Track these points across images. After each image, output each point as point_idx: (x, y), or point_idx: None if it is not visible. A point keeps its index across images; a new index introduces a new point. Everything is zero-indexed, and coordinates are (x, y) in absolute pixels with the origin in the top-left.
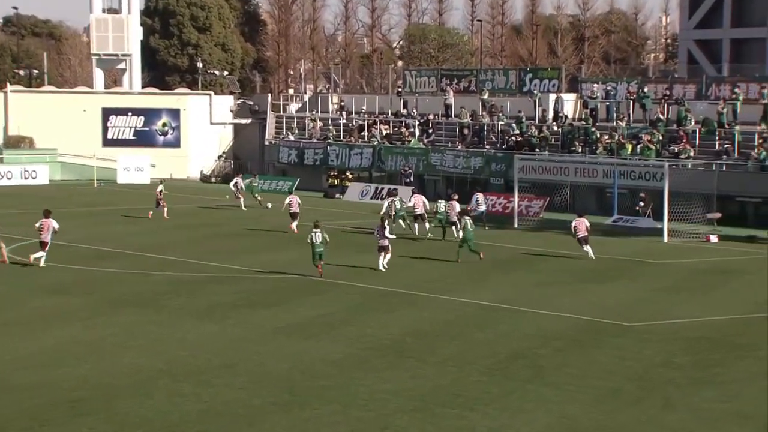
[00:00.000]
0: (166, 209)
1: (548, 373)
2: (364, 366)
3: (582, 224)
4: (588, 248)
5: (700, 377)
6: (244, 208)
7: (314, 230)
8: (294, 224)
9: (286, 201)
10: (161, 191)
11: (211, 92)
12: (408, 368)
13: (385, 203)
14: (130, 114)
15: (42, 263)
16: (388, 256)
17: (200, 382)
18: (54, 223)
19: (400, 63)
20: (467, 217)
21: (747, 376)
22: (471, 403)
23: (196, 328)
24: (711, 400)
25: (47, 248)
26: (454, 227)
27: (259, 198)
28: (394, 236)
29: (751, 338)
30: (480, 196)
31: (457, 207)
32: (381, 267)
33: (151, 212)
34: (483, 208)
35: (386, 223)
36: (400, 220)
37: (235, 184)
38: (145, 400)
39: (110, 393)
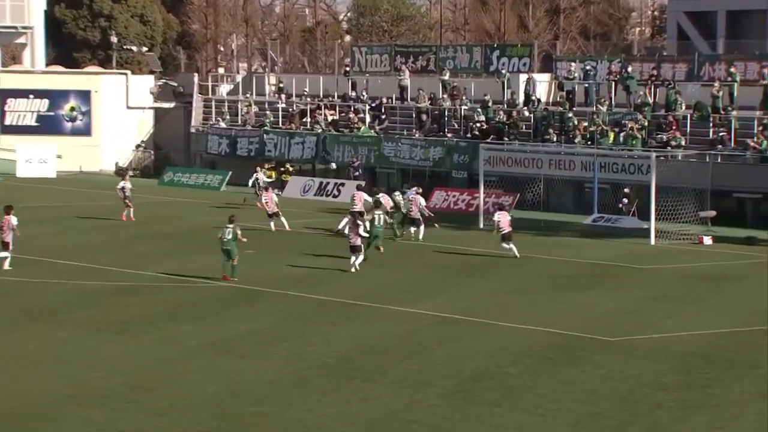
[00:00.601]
0: (131, 210)
1: (518, 395)
2: (305, 388)
3: (505, 218)
4: (512, 246)
5: (692, 399)
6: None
7: (227, 226)
8: (272, 223)
9: (263, 199)
10: (124, 188)
11: (128, 71)
12: (355, 390)
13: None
14: (31, 96)
15: (6, 265)
16: (361, 257)
17: (115, 408)
18: (14, 220)
19: (347, 38)
20: (379, 211)
21: (745, 398)
22: (428, 431)
23: (109, 345)
24: (705, 426)
25: (10, 249)
26: (413, 226)
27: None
28: (366, 235)
29: (749, 354)
30: (413, 192)
31: (422, 202)
32: (352, 269)
33: (125, 213)
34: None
35: (360, 220)
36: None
37: (255, 182)
38: (52, 429)
39: (10, 422)
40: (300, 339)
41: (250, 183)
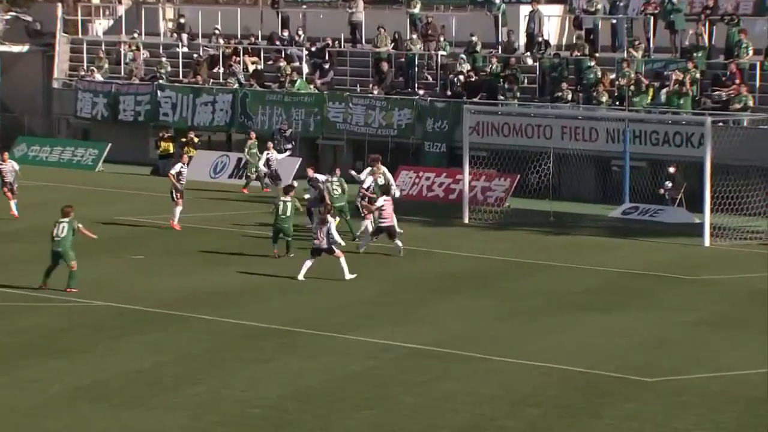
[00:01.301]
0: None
1: None
2: None
3: (390, 207)
4: (398, 243)
5: None
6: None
7: (61, 221)
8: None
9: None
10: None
11: None
12: None
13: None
14: None
15: None
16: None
17: None
18: None
19: None
20: (287, 197)
21: None
22: None
23: None
24: None
25: None
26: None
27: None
28: (342, 243)
29: None
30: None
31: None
32: (300, 276)
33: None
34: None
35: (329, 216)
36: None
37: (267, 163)
38: None
39: None
40: (212, 381)
41: (261, 164)
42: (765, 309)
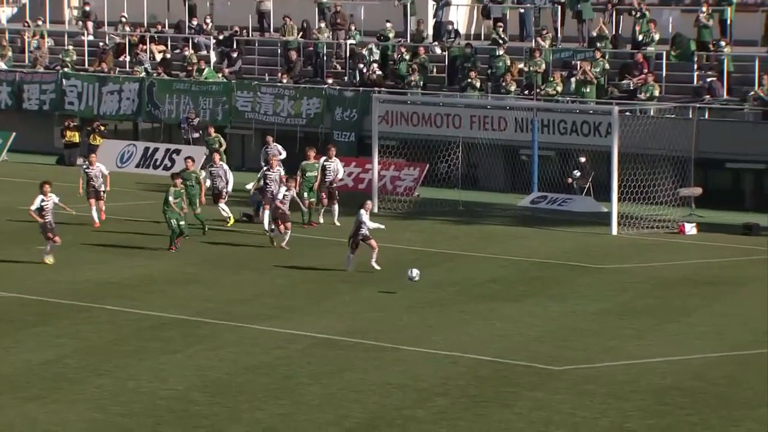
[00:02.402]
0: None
1: None
2: None
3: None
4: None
5: None
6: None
7: None
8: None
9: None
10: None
11: None
12: None
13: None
14: None
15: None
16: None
17: None
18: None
19: None
20: (177, 187)
21: None
22: None
23: None
24: None
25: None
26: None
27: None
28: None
29: (747, 389)
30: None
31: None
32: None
33: None
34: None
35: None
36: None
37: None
38: None
39: None
40: (118, 372)
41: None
42: (671, 297)
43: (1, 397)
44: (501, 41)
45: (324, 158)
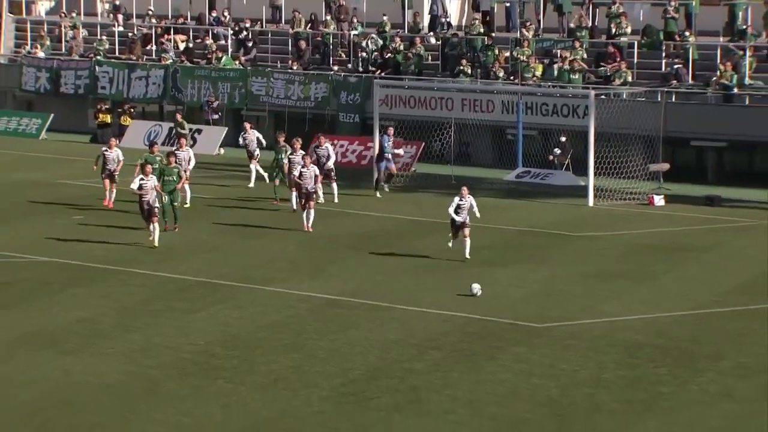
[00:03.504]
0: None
1: (424, 397)
2: (154, 392)
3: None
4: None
5: (639, 400)
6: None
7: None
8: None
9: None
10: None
11: None
12: (219, 394)
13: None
14: None
15: None
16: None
17: None
18: None
19: None
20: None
21: (704, 398)
22: None
23: None
24: None
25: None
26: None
27: None
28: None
29: (709, 344)
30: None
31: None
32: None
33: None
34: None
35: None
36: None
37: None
38: None
39: None
40: (147, 329)
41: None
42: (642, 262)
43: (42, 351)
44: (488, 32)
45: (314, 145)
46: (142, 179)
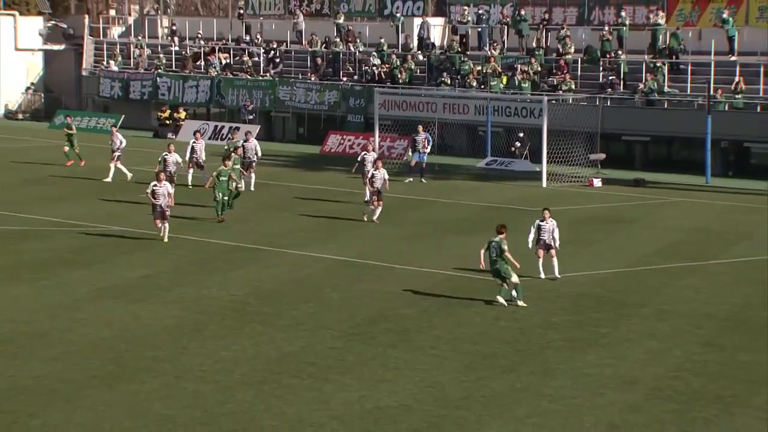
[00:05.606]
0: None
1: (414, 336)
2: (201, 332)
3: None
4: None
5: (581, 339)
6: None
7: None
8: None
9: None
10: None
11: (16, 12)
12: (252, 334)
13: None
14: None
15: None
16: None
17: (4, 354)
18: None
19: None
20: (228, 164)
21: (632, 336)
22: (325, 373)
23: (0, 290)
24: (593, 365)
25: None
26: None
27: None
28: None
29: (636, 295)
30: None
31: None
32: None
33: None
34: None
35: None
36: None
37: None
38: None
39: None
40: (196, 284)
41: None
42: (585, 231)
43: (113, 300)
44: (464, 51)
45: (243, 140)
46: (155, 185)
